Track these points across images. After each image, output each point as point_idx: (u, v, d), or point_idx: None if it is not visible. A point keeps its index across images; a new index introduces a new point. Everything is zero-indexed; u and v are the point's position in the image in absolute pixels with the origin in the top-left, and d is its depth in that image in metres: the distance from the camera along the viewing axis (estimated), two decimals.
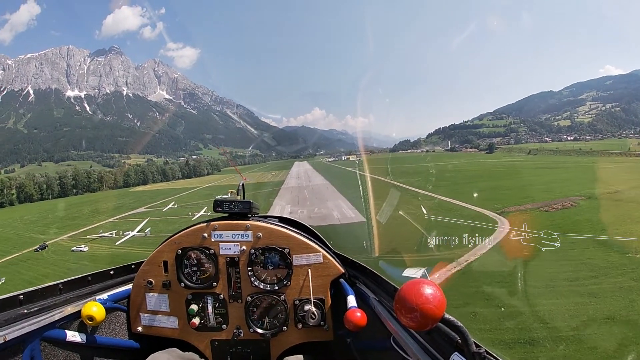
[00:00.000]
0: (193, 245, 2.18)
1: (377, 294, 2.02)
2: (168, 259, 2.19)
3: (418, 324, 1.20)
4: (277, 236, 2.18)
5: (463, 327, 1.18)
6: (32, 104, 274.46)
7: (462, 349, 1.19)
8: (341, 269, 2.21)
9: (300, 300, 2.16)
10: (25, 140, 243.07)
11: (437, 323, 1.21)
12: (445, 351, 1.30)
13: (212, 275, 2.19)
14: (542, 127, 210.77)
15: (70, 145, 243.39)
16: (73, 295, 1.93)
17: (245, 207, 2.21)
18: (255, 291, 2.19)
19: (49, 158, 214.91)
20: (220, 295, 2.20)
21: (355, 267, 2.33)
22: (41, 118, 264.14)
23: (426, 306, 1.17)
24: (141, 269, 2.23)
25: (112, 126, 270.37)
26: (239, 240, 2.17)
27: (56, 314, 1.78)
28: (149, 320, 2.21)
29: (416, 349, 1.44)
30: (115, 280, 2.25)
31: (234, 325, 2.18)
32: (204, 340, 2.21)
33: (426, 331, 1.35)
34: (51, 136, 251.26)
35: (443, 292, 1.23)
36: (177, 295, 2.20)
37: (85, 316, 1.84)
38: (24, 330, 1.60)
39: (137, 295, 2.22)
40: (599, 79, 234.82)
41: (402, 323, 1.27)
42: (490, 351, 1.16)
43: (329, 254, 2.23)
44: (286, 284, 2.18)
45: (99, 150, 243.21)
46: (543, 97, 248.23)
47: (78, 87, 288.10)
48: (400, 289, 1.27)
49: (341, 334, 2.12)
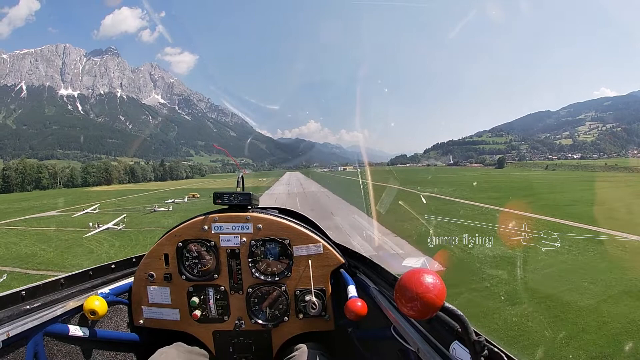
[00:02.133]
0: (193, 237, 2.20)
1: (377, 283, 2.02)
2: (169, 251, 2.21)
3: (418, 313, 1.21)
4: (277, 227, 2.20)
5: (463, 316, 1.17)
6: (24, 100, 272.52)
7: (463, 337, 1.19)
8: (341, 259, 2.23)
9: (301, 291, 2.18)
10: (11, 136, 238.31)
11: (437, 312, 1.21)
12: (445, 340, 1.32)
13: (212, 267, 2.20)
14: (544, 145, 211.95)
15: (57, 143, 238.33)
16: (75, 290, 1.95)
17: (245, 199, 2.21)
18: (256, 282, 2.20)
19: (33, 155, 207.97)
20: (221, 287, 2.21)
21: (356, 257, 2.34)
22: (31, 115, 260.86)
23: (426, 295, 1.18)
24: (142, 262, 2.24)
25: (102, 127, 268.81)
26: (239, 232, 2.19)
27: (58, 309, 1.79)
28: (151, 313, 2.24)
29: (417, 337, 1.45)
30: (116, 274, 2.26)
31: (236, 317, 2.20)
32: (205, 332, 2.23)
33: (426, 320, 1.33)
34: (39, 133, 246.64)
35: (443, 281, 1.22)
36: (178, 287, 2.21)
37: (87, 310, 1.86)
38: (26, 325, 1.62)
39: (139, 289, 2.23)
40: (597, 99, 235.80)
41: (402, 312, 1.27)
42: (490, 340, 1.16)
43: (329, 245, 2.24)
44: (287, 275, 2.19)
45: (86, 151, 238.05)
46: (540, 117, 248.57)
47: (72, 86, 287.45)
48: (400, 278, 1.26)
49: (342, 323, 2.13)
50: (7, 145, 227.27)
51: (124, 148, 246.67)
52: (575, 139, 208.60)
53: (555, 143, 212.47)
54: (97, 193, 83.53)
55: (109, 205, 50.73)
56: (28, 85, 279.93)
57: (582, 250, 17.43)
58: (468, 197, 39.89)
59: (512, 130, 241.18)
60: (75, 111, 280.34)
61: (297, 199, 46.01)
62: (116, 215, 37.27)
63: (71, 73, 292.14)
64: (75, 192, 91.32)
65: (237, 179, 2.42)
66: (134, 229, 29.55)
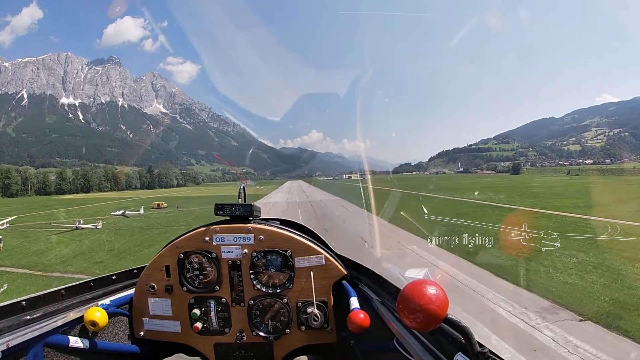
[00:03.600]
0: (195, 249, 2.18)
1: (379, 295, 2.01)
2: (170, 263, 2.20)
3: (421, 324, 1.20)
4: (279, 239, 2.18)
5: (467, 327, 1.16)
6: (24, 108, 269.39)
7: (466, 349, 1.17)
8: (343, 271, 2.21)
9: (303, 303, 2.15)
10: (10, 144, 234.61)
11: (440, 323, 1.20)
12: (448, 352, 1.28)
13: (214, 278, 2.19)
14: (552, 151, 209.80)
15: (55, 152, 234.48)
16: (75, 301, 1.94)
17: (247, 210, 2.19)
18: (257, 294, 2.19)
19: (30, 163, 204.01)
20: (222, 298, 2.20)
21: (358, 268, 2.32)
22: (32, 123, 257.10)
23: (429, 307, 1.16)
24: (143, 274, 2.23)
25: (103, 136, 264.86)
26: (240, 243, 2.18)
27: (59, 320, 1.78)
28: (152, 325, 2.22)
29: (420, 349, 1.43)
30: (117, 285, 2.25)
31: (237, 329, 2.18)
32: (206, 344, 2.21)
33: (429, 332, 1.33)
34: (38, 141, 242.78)
35: (446, 292, 1.21)
36: (179, 299, 2.20)
37: (87, 321, 1.85)
38: (26, 336, 1.61)
39: (140, 300, 2.22)
40: (601, 105, 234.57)
41: (405, 324, 1.27)
42: (493, 351, 1.14)
43: (330, 256, 2.22)
44: (288, 287, 2.17)
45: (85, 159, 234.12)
46: (544, 124, 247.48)
47: (73, 95, 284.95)
48: (403, 289, 1.26)
49: (344, 335, 2.11)
50: (5, 153, 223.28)
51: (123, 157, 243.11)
52: (583, 145, 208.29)
53: (563, 149, 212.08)
54: (58, 201, 76.61)
55: (37, 218, 42.40)
56: (29, 93, 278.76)
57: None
58: (541, 205, 31.55)
59: (517, 137, 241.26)
60: (75, 120, 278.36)
61: (298, 210, 36.00)
62: (23, 233, 30.88)
63: (73, 82, 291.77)
64: (34, 201, 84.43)
65: (239, 190, 2.38)
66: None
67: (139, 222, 38.59)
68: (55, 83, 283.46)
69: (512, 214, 27.00)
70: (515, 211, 29.11)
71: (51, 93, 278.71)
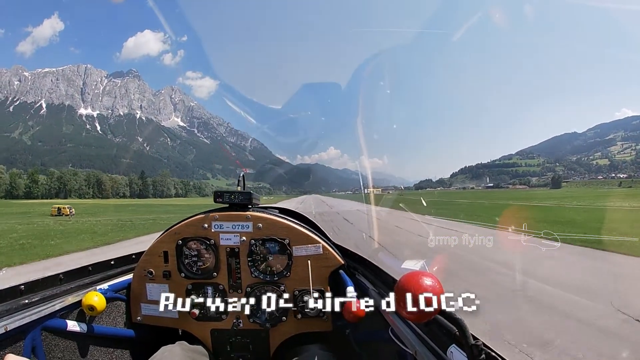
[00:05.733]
0: (193, 235, 2.19)
1: (376, 285, 2.02)
2: (168, 249, 2.20)
3: (416, 315, 1.21)
4: (278, 227, 2.19)
5: (461, 319, 1.16)
6: (42, 117, 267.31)
7: (460, 341, 1.17)
8: (341, 260, 2.21)
9: (300, 291, 2.16)
10: (24, 151, 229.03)
11: (435, 315, 1.21)
12: (443, 343, 1.29)
13: (212, 265, 2.20)
14: (580, 165, 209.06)
15: (69, 161, 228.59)
16: (74, 285, 1.94)
17: (246, 198, 2.19)
18: (255, 281, 2.20)
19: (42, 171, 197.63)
20: (220, 285, 2.22)
21: (355, 258, 2.34)
22: (49, 132, 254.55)
23: (425, 298, 1.17)
24: (142, 259, 2.24)
25: (119, 147, 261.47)
26: (239, 230, 2.18)
27: (57, 304, 1.79)
28: (149, 310, 2.22)
29: (414, 340, 1.44)
30: (115, 271, 2.25)
31: (234, 316, 2.16)
32: (203, 330, 2.22)
33: (424, 323, 1.34)
34: (53, 150, 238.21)
35: (442, 284, 1.20)
36: (177, 285, 2.21)
37: (85, 306, 1.86)
38: (24, 320, 1.61)
39: (138, 285, 2.23)
40: (624, 119, 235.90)
41: (400, 315, 1.27)
42: (487, 344, 1.14)
43: (328, 245, 2.23)
44: (286, 275, 2.18)
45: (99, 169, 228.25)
46: (567, 139, 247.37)
47: (91, 106, 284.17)
48: (399, 280, 1.27)
49: (340, 324, 2.14)
50: (18, 160, 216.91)
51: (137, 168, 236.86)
52: (611, 159, 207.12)
53: (591, 164, 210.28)
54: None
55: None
56: (48, 103, 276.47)
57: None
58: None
59: (541, 152, 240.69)
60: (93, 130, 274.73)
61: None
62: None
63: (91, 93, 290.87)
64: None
65: (238, 178, 2.36)
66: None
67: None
68: (74, 94, 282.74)
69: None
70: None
71: (69, 103, 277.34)
